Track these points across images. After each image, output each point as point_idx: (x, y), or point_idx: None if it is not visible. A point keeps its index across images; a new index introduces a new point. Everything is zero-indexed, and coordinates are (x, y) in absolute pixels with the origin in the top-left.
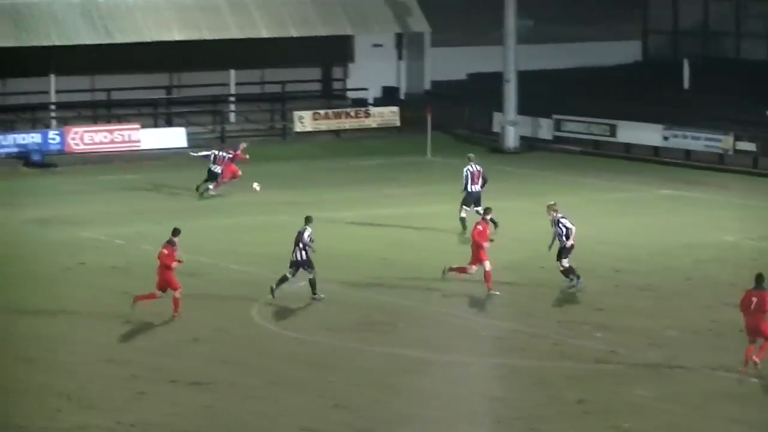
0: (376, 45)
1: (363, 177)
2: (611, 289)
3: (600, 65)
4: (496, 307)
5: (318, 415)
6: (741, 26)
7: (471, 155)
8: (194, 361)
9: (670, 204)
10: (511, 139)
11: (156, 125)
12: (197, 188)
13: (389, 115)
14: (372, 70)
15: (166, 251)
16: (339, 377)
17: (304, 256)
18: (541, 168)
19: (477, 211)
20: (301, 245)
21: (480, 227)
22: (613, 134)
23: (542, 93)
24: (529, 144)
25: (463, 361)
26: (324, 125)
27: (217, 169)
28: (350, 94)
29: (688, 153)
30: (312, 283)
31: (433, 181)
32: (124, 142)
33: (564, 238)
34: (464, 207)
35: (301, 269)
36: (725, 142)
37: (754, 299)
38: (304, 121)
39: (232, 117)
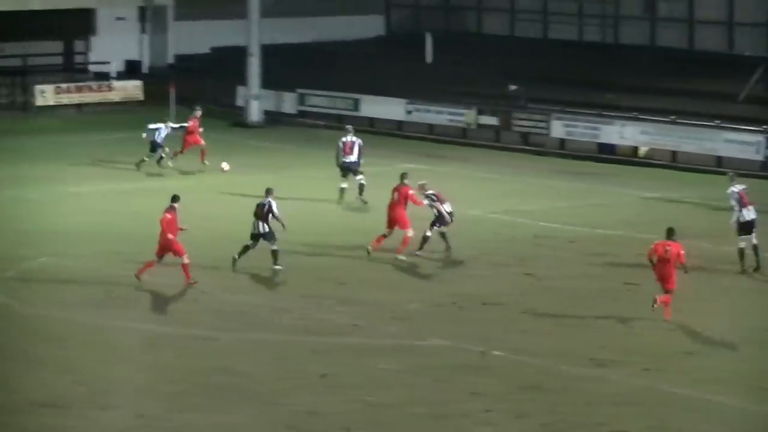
0: (119, 18)
1: (105, 151)
2: (354, 263)
3: (343, 39)
4: (239, 281)
5: (57, 390)
6: (482, 1)
7: (349, 127)
8: None
9: (414, 178)
10: (254, 114)
11: None
12: (137, 164)
13: (132, 89)
14: (115, 43)
15: (169, 216)
16: (80, 352)
17: (267, 228)
18: (284, 142)
19: (359, 180)
20: (267, 217)
21: (411, 191)
22: (356, 108)
23: (286, 67)
24: (273, 118)
25: (207, 335)
26: (66, 99)
27: (159, 139)
28: (93, 68)
29: (431, 127)
30: (275, 254)
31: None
32: None
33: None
34: (343, 178)
35: (262, 240)
36: (468, 116)
37: (668, 248)
38: (46, 95)
39: None
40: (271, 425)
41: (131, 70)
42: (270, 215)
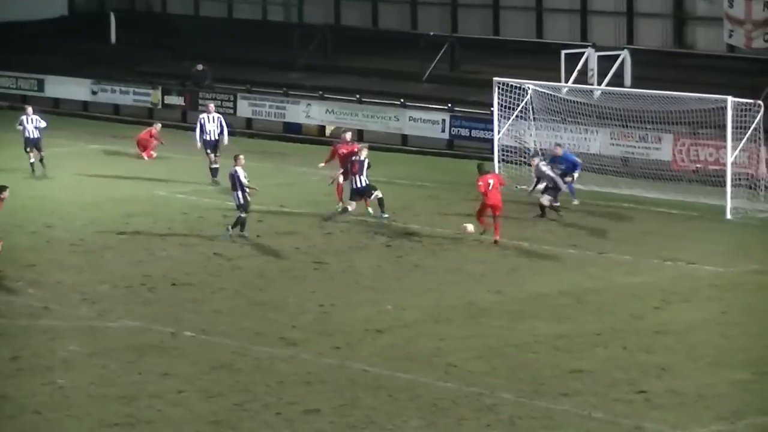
0: None
1: None
2: (42, 245)
3: (26, 19)
4: None
5: None
6: None
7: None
8: None
9: (101, 158)
10: None
11: None
12: (32, 167)
13: None
14: None
15: None
16: None
17: (243, 198)
18: None
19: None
20: (240, 187)
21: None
22: (41, 89)
23: None
24: None
25: None
26: None
27: (35, 134)
28: None
29: (116, 107)
30: (242, 222)
31: None
32: None
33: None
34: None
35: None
36: (154, 96)
37: (491, 180)
38: None
39: None
40: None
41: None
42: (239, 184)
